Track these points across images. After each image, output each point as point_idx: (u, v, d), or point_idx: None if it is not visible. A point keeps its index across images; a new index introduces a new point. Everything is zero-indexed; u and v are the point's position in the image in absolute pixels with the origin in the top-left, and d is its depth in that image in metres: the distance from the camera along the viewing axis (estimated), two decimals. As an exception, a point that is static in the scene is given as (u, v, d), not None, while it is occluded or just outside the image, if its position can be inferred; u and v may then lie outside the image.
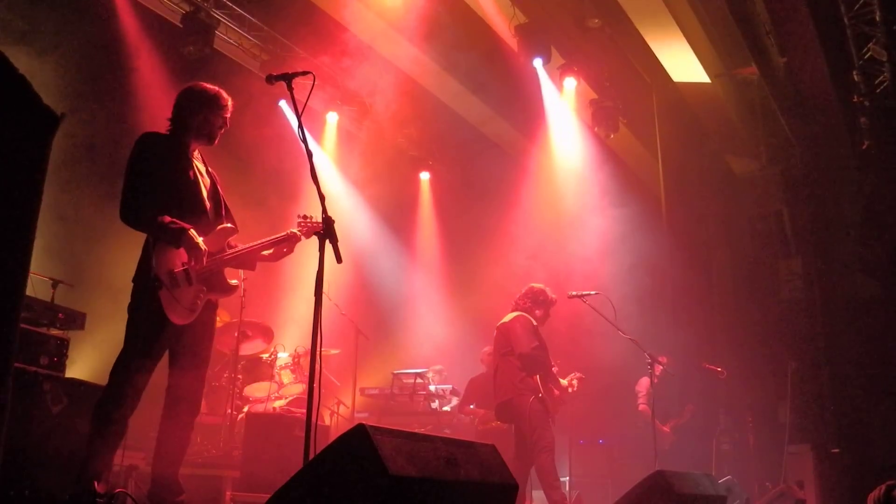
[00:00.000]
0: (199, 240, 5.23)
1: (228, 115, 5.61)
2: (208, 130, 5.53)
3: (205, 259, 5.26)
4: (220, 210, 5.62)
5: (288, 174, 12.09)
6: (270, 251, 5.80)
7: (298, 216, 5.96)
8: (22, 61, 2.27)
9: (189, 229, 5.18)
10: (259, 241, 5.73)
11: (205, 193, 5.52)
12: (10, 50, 2.26)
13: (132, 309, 5.15)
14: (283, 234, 5.79)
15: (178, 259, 5.19)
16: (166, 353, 5.29)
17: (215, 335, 9.71)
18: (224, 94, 5.58)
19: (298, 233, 5.82)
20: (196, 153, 5.60)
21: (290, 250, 5.87)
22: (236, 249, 5.60)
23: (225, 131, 5.64)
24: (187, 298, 5.20)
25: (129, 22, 10.17)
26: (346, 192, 13.66)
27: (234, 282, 5.63)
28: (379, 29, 11.20)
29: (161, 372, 5.26)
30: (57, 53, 8.83)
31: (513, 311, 8.75)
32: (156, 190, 5.18)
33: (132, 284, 5.21)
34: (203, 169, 5.60)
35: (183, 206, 5.29)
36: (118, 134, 9.38)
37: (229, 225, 5.62)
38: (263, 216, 10.57)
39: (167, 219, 5.11)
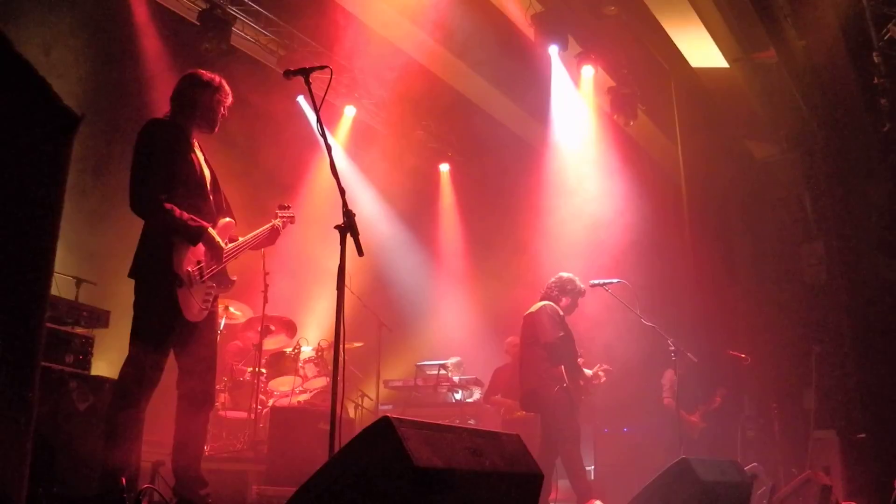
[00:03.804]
0: (219, 239, 5.26)
1: (229, 102, 5.58)
2: (210, 118, 5.49)
3: (223, 258, 5.29)
4: (221, 202, 5.63)
5: (307, 168, 12.15)
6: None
7: (278, 206, 6.06)
8: (41, 61, 2.28)
9: (208, 227, 5.19)
10: (252, 234, 5.77)
11: (208, 185, 5.50)
12: (27, 52, 2.26)
13: (143, 306, 5.10)
14: (269, 225, 5.86)
15: (194, 256, 5.19)
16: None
17: (240, 330, 9.87)
18: (219, 80, 5.54)
19: (280, 225, 5.88)
20: (196, 143, 5.57)
21: (272, 242, 5.93)
22: (237, 245, 5.62)
23: (224, 118, 5.62)
24: (200, 296, 5.21)
25: (144, 18, 10.20)
26: (366, 186, 13.68)
27: (233, 277, 5.64)
28: (395, 21, 11.19)
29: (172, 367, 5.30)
30: (76, 49, 8.87)
31: (540, 300, 8.75)
32: (166, 180, 5.14)
33: (134, 281, 5.17)
34: (203, 159, 5.57)
35: (192, 197, 5.27)
36: (138, 130, 9.43)
37: (231, 219, 5.65)
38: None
39: (186, 215, 5.09)
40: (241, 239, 5.66)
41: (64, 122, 2.36)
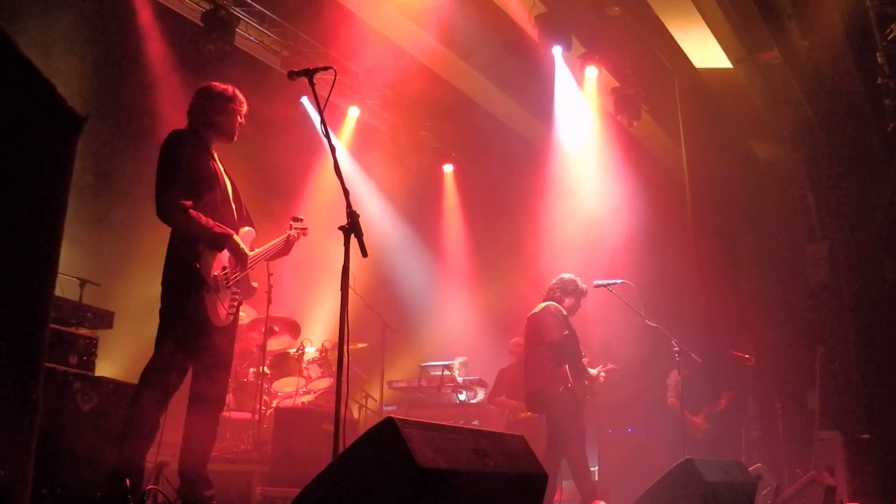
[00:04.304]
0: (244, 246, 5.39)
1: (244, 111, 5.69)
2: (227, 128, 5.60)
3: (247, 264, 5.37)
4: (242, 212, 5.74)
5: (311, 169, 12.15)
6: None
7: (292, 219, 6.18)
8: (41, 61, 2.28)
9: (233, 234, 5.32)
10: (270, 244, 5.90)
11: (230, 195, 5.61)
12: (27, 52, 2.26)
13: (169, 311, 5.18)
14: (284, 236, 6.00)
15: (219, 263, 5.29)
16: None
17: (243, 331, 9.88)
18: (232, 90, 5.65)
19: (294, 235, 6.02)
20: (215, 154, 5.66)
21: (286, 252, 6.05)
22: (256, 254, 5.73)
23: (242, 126, 5.73)
24: (227, 301, 5.33)
25: (147, 19, 10.20)
26: (369, 187, 13.67)
27: (254, 284, 5.78)
28: (398, 22, 11.19)
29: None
30: (77, 50, 8.87)
31: (543, 300, 8.77)
32: (191, 188, 5.24)
33: (162, 287, 5.25)
34: (223, 169, 5.67)
35: (214, 206, 5.38)
36: (141, 132, 9.43)
37: (251, 228, 5.77)
38: (286, 214, 10.64)
39: (211, 221, 5.21)
40: (257, 250, 5.77)
41: (68, 123, 2.36)
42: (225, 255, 5.37)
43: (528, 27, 11.13)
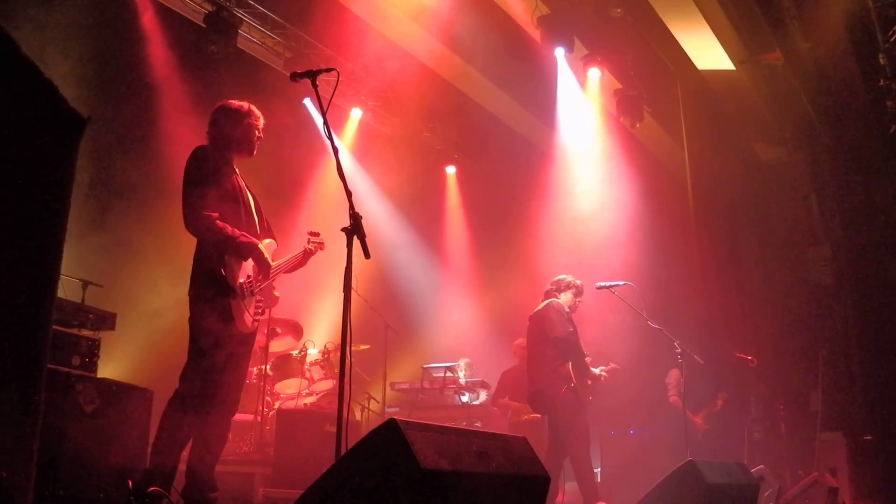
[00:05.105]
0: (268, 256, 5.54)
1: (261, 125, 5.82)
2: (245, 144, 5.73)
3: (269, 274, 5.56)
4: (263, 224, 5.85)
5: (313, 170, 12.16)
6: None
7: (309, 233, 6.30)
8: (41, 65, 2.27)
9: (258, 244, 5.46)
10: (289, 257, 6.01)
11: (253, 208, 5.73)
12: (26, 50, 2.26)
13: (199, 321, 5.28)
14: (302, 250, 6.12)
15: (243, 272, 5.41)
16: None
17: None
18: (248, 106, 5.78)
19: (312, 249, 6.16)
20: (236, 168, 5.78)
21: (303, 265, 6.17)
22: (277, 266, 5.83)
23: (260, 140, 5.85)
24: (252, 308, 5.47)
25: (150, 21, 10.20)
26: (372, 188, 13.67)
27: (276, 293, 5.90)
28: (401, 24, 11.20)
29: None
30: (76, 49, 8.86)
31: (544, 300, 8.77)
32: (216, 201, 5.36)
33: (190, 297, 5.36)
34: (244, 183, 5.80)
35: (238, 218, 5.50)
36: (143, 132, 9.42)
37: (273, 241, 5.90)
38: (288, 215, 10.64)
39: (237, 231, 5.34)
40: (277, 261, 5.87)
41: (70, 125, 2.36)
42: (249, 265, 5.50)
43: (531, 29, 11.13)
